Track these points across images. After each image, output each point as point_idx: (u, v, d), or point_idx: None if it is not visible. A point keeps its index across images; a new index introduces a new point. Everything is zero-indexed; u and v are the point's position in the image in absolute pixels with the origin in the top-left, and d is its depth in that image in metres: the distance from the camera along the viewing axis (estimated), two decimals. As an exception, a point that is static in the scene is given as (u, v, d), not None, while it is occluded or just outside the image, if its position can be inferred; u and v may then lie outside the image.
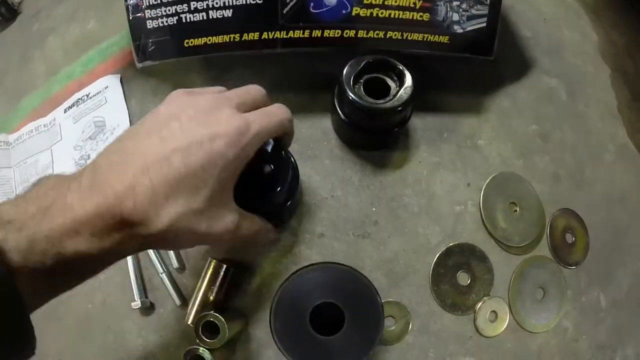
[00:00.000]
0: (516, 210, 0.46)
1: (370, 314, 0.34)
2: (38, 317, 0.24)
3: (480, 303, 0.43)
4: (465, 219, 0.43)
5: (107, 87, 0.49)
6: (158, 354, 0.40)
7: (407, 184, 0.43)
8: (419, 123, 0.45)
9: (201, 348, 0.35)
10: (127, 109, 0.48)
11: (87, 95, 0.49)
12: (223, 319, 0.35)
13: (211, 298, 0.38)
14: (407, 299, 0.41)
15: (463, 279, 0.43)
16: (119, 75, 0.49)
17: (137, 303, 0.40)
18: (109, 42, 0.51)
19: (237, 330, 0.38)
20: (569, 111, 0.53)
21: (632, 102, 0.57)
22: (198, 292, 0.39)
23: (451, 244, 0.43)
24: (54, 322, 0.43)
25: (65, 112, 0.50)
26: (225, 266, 0.39)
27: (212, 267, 0.39)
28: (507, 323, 0.43)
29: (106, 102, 0.49)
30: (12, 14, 0.64)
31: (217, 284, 0.39)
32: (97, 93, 0.49)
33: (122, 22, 0.54)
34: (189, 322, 0.38)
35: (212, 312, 0.35)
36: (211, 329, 0.35)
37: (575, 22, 0.58)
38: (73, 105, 0.50)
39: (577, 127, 0.52)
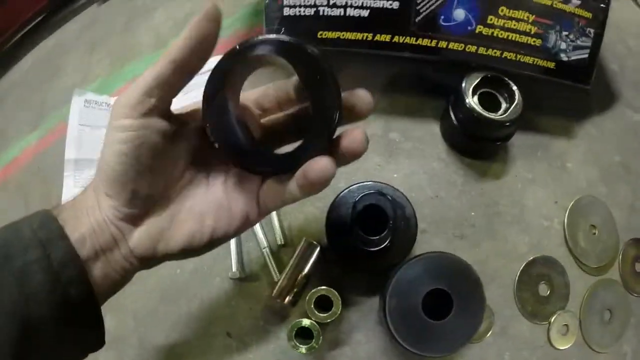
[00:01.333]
0: (595, 233, 0.50)
1: (475, 302, 0.38)
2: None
3: (556, 315, 0.47)
4: (550, 234, 0.48)
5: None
6: (244, 324, 0.45)
7: (503, 194, 0.48)
8: (516, 139, 0.50)
9: (310, 321, 0.39)
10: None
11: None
12: (337, 294, 0.39)
13: (302, 275, 0.43)
14: (492, 301, 0.46)
15: (543, 289, 0.48)
16: None
17: (235, 272, 0.44)
18: (227, 22, 0.56)
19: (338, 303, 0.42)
20: None
21: None
22: (291, 268, 0.43)
23: (536, 255, 0.47)
24: (137, 281, 0.47)
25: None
26: (316, 246, 0.43)
27: (303, 246, 0.44)
28: (575, 338, 0.48)
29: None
30: None
31: (310, 262, 0.43)
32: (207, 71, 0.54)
33: (238, 3, 0.60)
34: (274, 296, 0.42)
35: (325, 287, 0.40)
36: (324, 304, 0.40)
37: None
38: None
39: None
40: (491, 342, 0.45)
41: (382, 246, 0.37)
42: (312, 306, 0.39)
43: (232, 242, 0.46)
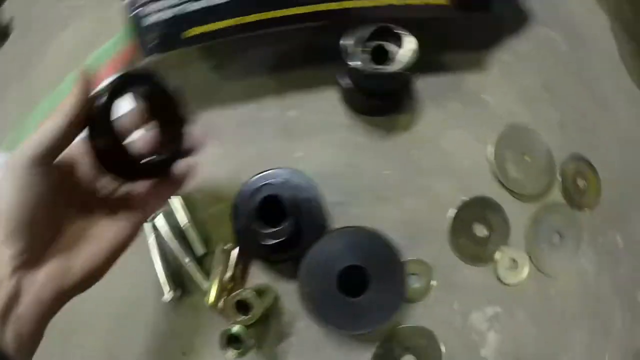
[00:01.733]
0: (526, 160, 0.49)
1: (394, 275, 0.38)
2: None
3: (499, 253, 0.47)
4: (477, 172, 0.47)
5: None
6: (195, 340, 0.45)
7: (416, 144, 0.46)
8: (422, 85, 0.48)
9: (236, 326, 0.39)
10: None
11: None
12: (254, 294, 0.39)
13: (227, 278, 0.42)
14: (427, 255, 0.45)
15: (480, 231, 0.47)
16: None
17: (166, 297, 0.44)
18: (110, 43, 0.55)
19: (268, 305, 0.42)
20: (571, 61, 0.56)
21: (635, 49, 0.60)
22: (215, 275, 0.43)
23: (465, 198, 0.46)
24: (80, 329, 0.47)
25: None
26: (230, 249, 0.43)
27: (217, 253, 0.43)
28: (527, 270, 0.47)
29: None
30: (4, 35, 0.67)
31: (229, 264, 0.43)
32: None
33: (120, 21, 0.58)
34: (209, 304, 0.41)
35: (243, 289, 0.39)
36: (244, 306, 0.39)
37: None
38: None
39: (581, 76, 0.55)
40: (436, 297, 0.45)
41: (285, 237, 0.37)
42: (234, 311, 0.39)
43: (158, 267, 0.45)
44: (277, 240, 0.36)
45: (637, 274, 0.52)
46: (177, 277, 0.45)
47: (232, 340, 0.38)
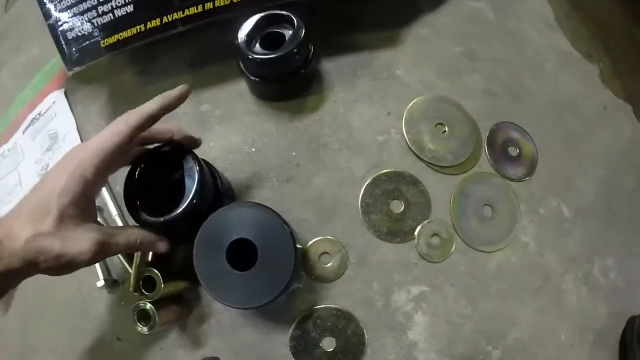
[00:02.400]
0: (444, 131, 0.48)
1: (283, 250, 0.38)
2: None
3: (419, 228, 0.45)
4: (389, 147, 0.47)
5: (54, 102, 0.58)
6: (127, 325, 0.46)
7: (324, 124, 0.47)
8: (330, 66, 0.49)
9: (142, 301, 0.40)
10: (74, 116, 0.56)
11: (39, 114, 0.59)
12: (158, 273, 0.40)
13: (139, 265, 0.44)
14: (340, 233, 0.44)
15: (396, 206, 0.46)
16: (63, 89, 0.58)
17: (100, 282, 0.47)
18: (52, 63, 0.61)
19: (177, 285, 0.43)
20: (498, 28, 0.55)
21: (571, 11, 0.58)
22: (134, 262, 0.45)
23: (377, 173, 0.46)
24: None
25: (23, 133, 0.59)
26: None
27: None
28: (454, 245, 0.45)
29: (56, 115, 0.57)
30: None
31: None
32: (48, 109, 0.58)
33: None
34: (131, 290, 0.43)
35: (148, 268, 0.41)
36: (151, 284, 0.41)
37: None
38: (29, 125, 0.59)
39: (509, 42, 0.54)
40: (352, 276, 0.44)
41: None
42: (139, 287, 0.41)
43: None
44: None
45: (591, 245, 0.48)
46: (113, 266, 0.48)
47: (142, 316, 0.40)
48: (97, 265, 0.48)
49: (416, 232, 0.45)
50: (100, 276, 0.47)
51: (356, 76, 0.49)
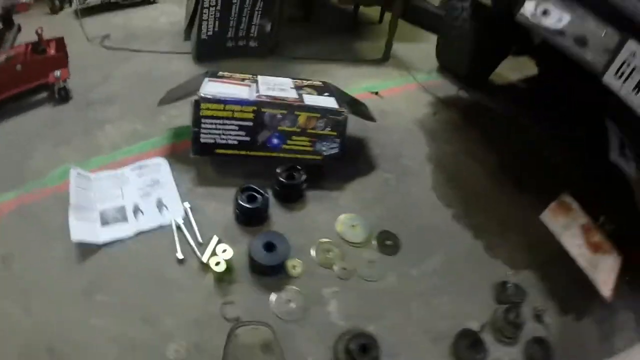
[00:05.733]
0: (356, 229, 1.21)
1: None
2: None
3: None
4: (330, 234, 1.18)
5: (159, 163, 1.15)
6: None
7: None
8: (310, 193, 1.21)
9: (219, 270, 0.98)
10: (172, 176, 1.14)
11: (146, 165, 1.14)
12: (222, 259, 0.99)
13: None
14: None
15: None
16: (165, 160, 1.17)
17: (179, 255, 1.01)
18: (156, 139, 1.19)
19: (229, 265, 1.02)
20: (397, 188, 1.32)
21: (444, 178, 1.43)
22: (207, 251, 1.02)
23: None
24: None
25: (131, 170, 1.13)
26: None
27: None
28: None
29: (160, 171, 1.14)
30: (66, 98, 1.28)
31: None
32: (153, 164, 1.14)
33: (164, 126, 1.25)
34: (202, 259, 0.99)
35: (217, 255, 1.00)
36: (218, 264, 0.99)
37: (417, 140, 1.45)
38: (136, 168, 1.14)
39: (402, 195, 1.31)
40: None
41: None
42: (211, 266, 0.99)
43: (175, 234, 1.02)
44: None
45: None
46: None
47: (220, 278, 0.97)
48: (176, 241, 1.02)
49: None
50: (179, 249, 1.01)
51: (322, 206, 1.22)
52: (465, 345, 1.00)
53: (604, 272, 1.35)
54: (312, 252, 1.08)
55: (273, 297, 0.98)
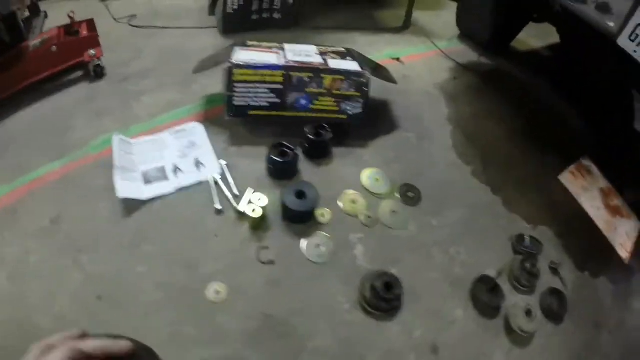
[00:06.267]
0: (380, 182, 1.30)
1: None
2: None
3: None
4: (357, 187, 1.27)
5: (195, 127, 1.26)
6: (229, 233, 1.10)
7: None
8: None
9: (255, 217, 1.08)
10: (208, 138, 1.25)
11: (183, 129, 1.25)
12: (258, 207, 1.10)
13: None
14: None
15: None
16: (201, 124, 1.27)
17: (217, 205, 1.11)
18: (191, 106, 1.29)
19: (264, 213, 1.12)
20: (417, 147, 1.39)
21: (463, 139, 1.50)
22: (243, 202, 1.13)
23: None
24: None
25: (169, 135, 1.24)
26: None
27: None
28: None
29: (196, 134, 1.25)
30: (101, 75, 1.40)
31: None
32: (191, 128, 1.25)
33: (198, 94, 1.36)
34: (238, 208, 1.10)
35: (255, 203, 1.10)
36: (254, 210, 1.10)
37: (437, 102, 1.53)
38: (174, 132, 1.24)
39: (422, 154, 1.39)
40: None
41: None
42: (247, 214, 1.10)
43: (212, 188, 1.14)
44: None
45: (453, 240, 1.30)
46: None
47: (255, 226, 1.08)
48: (214, 193, 1.13)
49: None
50: (216, 201, 1.12)
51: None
52: (484, 289, 1.08)
53: (622, 235, 1.41)
54: (339, 203, 1.17)
55: (304, 242, 1.08)
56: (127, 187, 1.10)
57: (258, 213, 1.06)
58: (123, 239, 1.05)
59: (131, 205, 1.10)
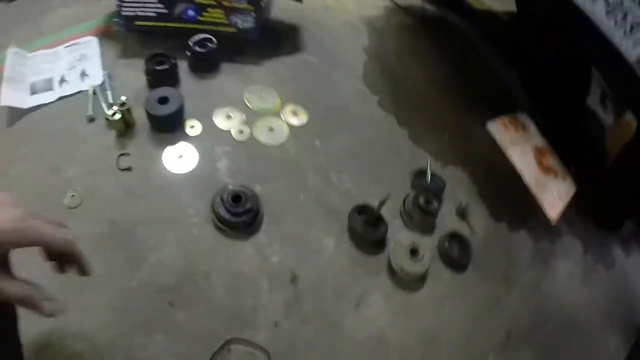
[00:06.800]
0: (263, 97, 1.24)
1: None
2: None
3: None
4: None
5: (89, 40, 1.26)
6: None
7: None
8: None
9: (115, 117, 1.08)
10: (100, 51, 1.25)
11: (78, 43, 1.26)
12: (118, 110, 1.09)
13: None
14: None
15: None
16: (96, 38, 1.27)
17: (90, 113, 1.12)
18: (93, 22, 1.29)
19: (129, 118, 1.11)
20: (321, 74, 1.32)
21: (380, 73, 1.40)
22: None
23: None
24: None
25: (64, 48, 1.25)
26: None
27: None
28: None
29: (89, 47, 1.25)
30: None
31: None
32: (85, 42, 1.25)
33: (100, 10, 1.34)
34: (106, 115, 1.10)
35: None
36: (114, 114, 1.08)
37: (357, 35, 1.41)
38: (69, 45, 1.25)
39: (323, 78, 1.32)
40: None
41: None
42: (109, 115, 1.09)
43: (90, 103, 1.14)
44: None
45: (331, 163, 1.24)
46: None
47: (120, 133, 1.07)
48: (90, 102, 1.13)
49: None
50: (90, 109, 1.12)
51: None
52: (362, 220, 1.00)
53: (553, 194, 1.30)
54: (214, 116, 1.13)
55: (167, 150, 1.06)
56: (11, 96, 1.12)
57: (117, 117, 1.05)
58: (2, 144, 1.07)
59: (14, 115, 1.12)
